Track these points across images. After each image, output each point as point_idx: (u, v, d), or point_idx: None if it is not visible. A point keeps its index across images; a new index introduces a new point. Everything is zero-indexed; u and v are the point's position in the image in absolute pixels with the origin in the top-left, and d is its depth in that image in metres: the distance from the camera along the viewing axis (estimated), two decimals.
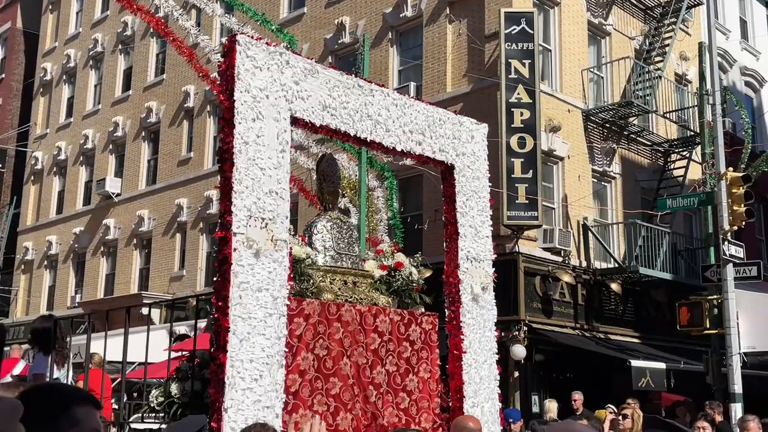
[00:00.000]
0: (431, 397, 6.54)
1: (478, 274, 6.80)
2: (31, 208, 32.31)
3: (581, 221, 18.43)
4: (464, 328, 6.56)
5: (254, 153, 5.37)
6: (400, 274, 7.18)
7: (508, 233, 16.80)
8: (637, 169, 20.65)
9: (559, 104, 18.47)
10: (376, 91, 6.31)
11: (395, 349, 6.38)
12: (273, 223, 5.40)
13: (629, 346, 18.00)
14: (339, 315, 6.10)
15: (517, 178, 16.49)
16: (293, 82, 5.69)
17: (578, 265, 18.11)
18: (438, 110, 6.84)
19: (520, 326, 16.35)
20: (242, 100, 5.37)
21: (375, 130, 6.22)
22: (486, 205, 7.09)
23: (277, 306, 5.32)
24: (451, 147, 6.82)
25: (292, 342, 5.67)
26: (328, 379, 5.91)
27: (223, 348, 5.02)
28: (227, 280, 5.12)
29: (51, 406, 2.18)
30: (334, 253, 6.87)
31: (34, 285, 30.90)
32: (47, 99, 32.97)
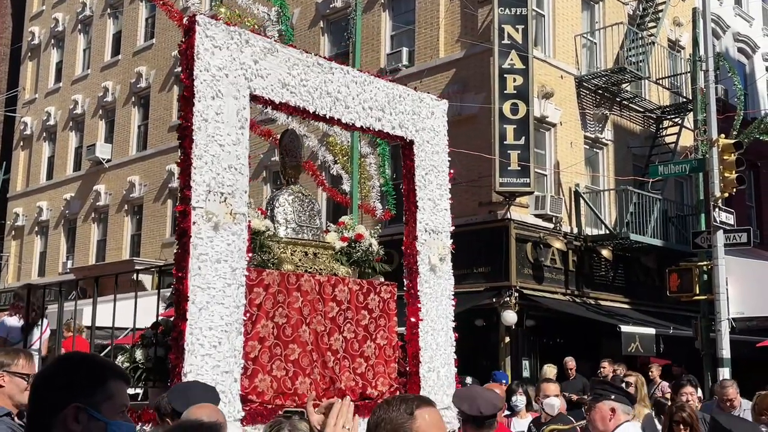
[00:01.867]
0: (387, 362, 6.80)
1: (436, 245, 7.01)
2: (20, 173, 32.11)
3: (573, 188, 18.46)
4: (421, 297, 6.80)
5: (213, 130, 5.55)
6: (360, 246, 7.39)
7: (500, 200, 16.82)
8: (630, 136, 20.64)
9: (552, 70, 18.38)
10: (335, 69, 6.44)
11: (354, 317, 6.63)
12: (232, 197, 5.59)
13: (619, 311, 18.15)
14: (298, 285, 6.32)
15: (509, 145, 16.46)
16: (252, 60, 5.84)
17: (569, 232, 18.17)
18: (398, 87, 7.01)
19: (511, 292, 16.45)
20: (201, 79, 5.54)
21: (334, 107, 6.37)
22: (445, 179, 7.30)
23: (235, 276, 5.53)
24: (410, 123, 6.99)
25: (251, 311, 5.89)
26: (287, 345, 6.14)
27: (183, 316, 5.25)
28: (187, 252, 5.33)
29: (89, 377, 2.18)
30: (296, 226, 7.06)
31: (25, 251, 30.82)
32: (35, 63, 32.60)
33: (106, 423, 2.14)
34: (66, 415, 2.10)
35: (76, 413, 2.11)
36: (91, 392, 2.14)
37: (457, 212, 17.79)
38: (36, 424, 2.17)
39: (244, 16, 15.42)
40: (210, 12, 18.44)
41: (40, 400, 2.19)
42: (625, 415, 4.62)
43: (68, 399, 2.12)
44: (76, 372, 2.19)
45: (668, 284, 16.28)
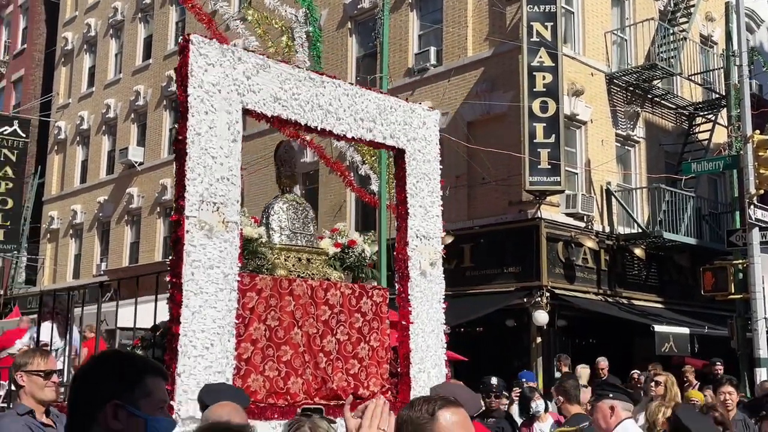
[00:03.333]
0: (380, 363, 7.05)
1: (427, 250, 7.23)
2: (55, 177, 32.57)
3: (604, 186, 18.25)
4: (412, 301, 7.01)
5: (206, 143, 5.83)
6: (352, 251, 7.71)
7: (530, 199, 16.68)
8: (662, 133, 20.37)
9: (582, 67, 18.20)
10: (327, 82, 6.71)
11: (347, 320, 6.89)
12: (224, 206, 5.86)
13: (652, 311, 17.90)
14: (291, 289, 6.59)
15: (539, 143, 16.31)
16: (245, 77, 6.13)
17: (601, 231, 17.97)
18: (389, 98, 7.28)
19: (542, 292, 16.31)
20: (195, 95, 5.82)
21: (326, 119, 6.61)
22: (436, 186, 7.48)
23: (228, 282, 5.80)
24: (402, 133, 7.20)
25: (244, 314, 6.18)
26: (279, 347, 6.42)
27: (177, 320, 5.52)
28: (180, 259, 5.61)
29: (127, 374, 2.19)
30: (290, 233, 7.33)
31: (60, 254, 31.25)
32: (69, 69, 33.05)
33: (145, 419, 2.14)
34: (105, 412, 2.10)
35: (116, 411, 2.11)
36: (129, 389, 2.14)
37: (487, 212, 17.92)
38: (76, 422, 2.17)
39: (272, 17, 15.48)
40: (238, 14, 18.52)
41: (79, 398, 2.20)
42: (625, 412, 4.79)
43: (107, 397, 2.12)
44: (113, 369, 2.19)
45: (702, 283, 16.04)
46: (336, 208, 20.43)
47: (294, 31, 15.54)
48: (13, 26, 37.32)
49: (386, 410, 2.21)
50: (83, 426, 2.14)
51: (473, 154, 17.50)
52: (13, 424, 3.98)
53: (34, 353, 4.31)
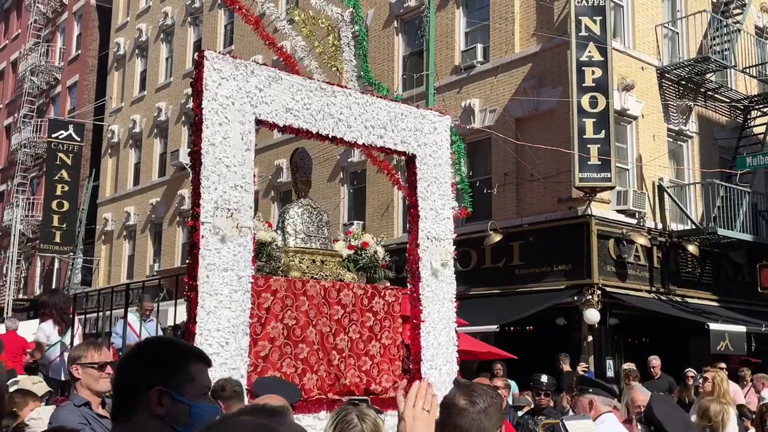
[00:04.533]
0: (392, 360, 7.36)
1: (438, 251, 7.48)
2: (109, 180, 33.23)
3: (656, 182, 17.93)
4: (423, 300, 7.26)
5: (221, 152, 6.14)
6: (365, 253, 8.02)
7: (580, 195, 16.47)
8: (715, 127, 19.93)
9: (632, 62, 17.91)
10: (338, 92, 7.01)
11: (359, 319, 7.20)
12: (238, 212, 6.16)
13: (707, 309, 17.53)
14: (304, 290, 6.92)
15: (588, 139, 16.09)
16: (257, 89, 6.46)
17: (653, 227, 17.65)
18: (401, 106, 7.61)
19: (593, 290, 16.08)
20: (209, 108, 6.16)
21: (337, 127, 6.91)
22: (448, 189, 7.73)
23: (242, 283, 6.10)
24: (412, 138, 7.48)
25: (260, 314, 6.50)
26: (296, 345, 6.75)
27: (193, 319, 5.85)
28: (196, 262, 5.92)
29: (170, 360, 2.20)
30: (304, 236, 7.66)
31: (114, 255, 31.87)
32: (121, 73, 33.69)
33: (189, 405, 2.15)
34: (149, 398, 2.12)
35: (159, 397, 2.12)
36: (172, 375, 2.16)
37: (536, 209, 17.76)
38: (121, 409, 2.20)
39: (318, 18, 15.55)
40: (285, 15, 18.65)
41: (124, 385, 2.22)
42: (604, 407, 5.04)
43: (151, 383, 2.13)
44: (156, 356, 2.21)
45: (759, 280, 15.67)
46: (383, 208, 20.45)
47: (340, 31, 15.58)
48: (68, 33, 38.19)
49: (430, 391, 2.21)
50: (128, 412, 2.15)
51: (521, 151, 17.35)
52: (71, 414, 4.07)
53: (88, 346, 4.41)
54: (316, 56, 15.98)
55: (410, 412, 2.14)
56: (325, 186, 22.24)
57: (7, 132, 41.52)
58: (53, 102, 38.46)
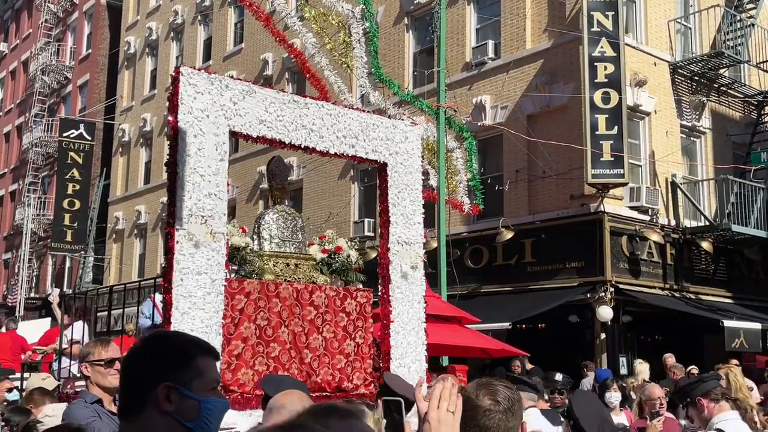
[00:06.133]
0: (364, 359, 7.69)
1: (408, 255, 7.84)
2: (120, 179, 33.30)
3: (669, 178, 17.80)
4: (393, 302, 7.62)
5: (195, 163, 6.49)
6: (338, 257, 8.43)
7: (592, 192, 16.36)
8: (729, 123, 19.78)
9: (645, 57, 17.77)
10: (311, 104, 7.39)
11: (332, 320, 7.52)
12: (212, 219, 6.52)
13: (721, 306, 17.39)
14: (277, 292, 7.22)
15: (601, 135, 15.98)
16: (231, 102, 6.79)
17: (667, 224, 17.52)
18: (372, 116, 7.95)
19: (606, 287, 15.97)
20: (185, 121, 6.49)
21: (309, 137, 7.26)
22: (418, 196, 8.08)
23: (215, 286, 6.45)
24: (384, 147, 7.82)
25: (234, 315, 6.83)
26: (268, 344, 7.06)
27: (168, 320, 6.19)
28: (171, 267, 6.27)
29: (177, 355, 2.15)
30: (279, 240, 8.01)
31: (125, 253, 31.93)
32: (132, 72, 33.74)
33: (199, 401, 2.10)
34: (157, 395, 2.07)
35: (168, 393, 2.07)
36: (180, 371, 2.11)
37: (548, 206, 17.66)
38: (128, 407, 2.14)
39: (329, 14, 15.50)
40: (296, 12, 18.62)
41: (130, 382, 2.17)
42: (528, 401, 5.34)
43: (158, 379, 2.08)
44: (163, 351, 2.15)
45: None
46: None
47: (351, 28, 15.55)
48: (78, 32, 38.29)
49: (454, 392, 2.16)
50: (136, 409, 2.10)
51: (533, 148, 17.25)
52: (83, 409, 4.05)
53: (96, 344, 4.39)
54: (326, 53, 15.97)
55: (435, 413, 2.09)
56: (336, 184, 22.20)
57: (18, 131, 41.67)
58: (64, 101, 38.57)
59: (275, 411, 3.47)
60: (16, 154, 41.51)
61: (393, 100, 16.57)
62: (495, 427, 2.42)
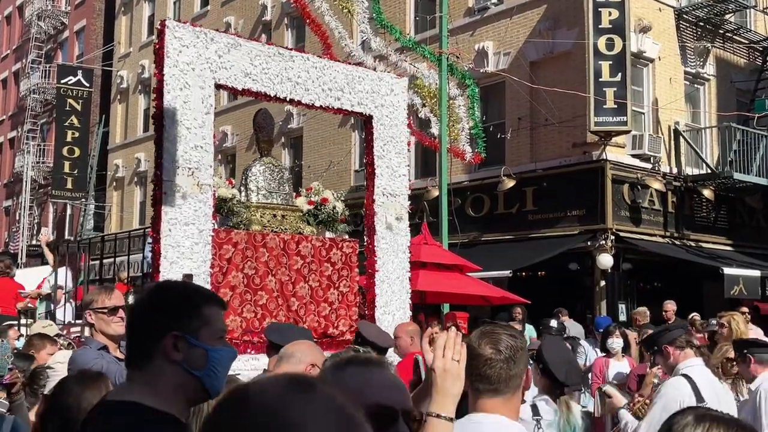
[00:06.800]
0: (349, 306, 7.92)
1: (393, 207, 8.01)
2: (119, 126, 33.11)
3: (672, 126, 17.69)
4: (378, 252, 7.87)
5: (181, 116, 6.62)
6: (324, 208, 8.60)
7: (595, 140, 16.28)
8: (733, 70, 19.58)
9: (650, 3, 17.49)
10: (296, 56, 7.49)
11: (318, 269, 7.74)
12: (198, 171, 6.67)
13: (722, 254, 17.45)
14: (264, 242, 7.42)
15: (604, 82, 15.83)
16: (217, 55, 6.90)
17: (668, 172, 17.48)
18: (358, 69, 8.10)
19: (606, 235, 16.01)
20: (170, 74, 6.62)
21: (294, 90, 7.37)
22: (403, 148, 8.23)
23: (202, 236, 6.65)
24: (369, 100, 7.91)
25: (222, 264, 7.05)
26: (256, 292, 7.28)
27: (157, 269, 6.42)
28: (159, 218, 6.46)
29: (184, 305, 2.15)
30: (266, 192, 8.17)
31: (126, 201, 31.93)
32: (129, 18, 33.28)
33: (206, 349, 2.11)
34: (165, 344, 2.07)
35: (175, 342, 2.08)
36: (187, 320, 2.11)
37: (550, 154, 17.58)
38: (136, 356, 2.16)
39: None
40: None
41: (138, 330, 2.18)
42: None
43: (166, 328, 2.09)
44: (170, 301, 2.16)
45: None
46: None
47: None
48: None
49: (458, 341, 2.20)
50: (144, 358, 2.11)
51: (536, 95, 17.10)
52: (89, 352, 4.09)
53: (99, 291, 4.42)
54: None
55: (440, 362, 2.13)
56: (336, 132, 22.08)
57: (15, 78, 41.30)
58: (61, 47, 38.13)
59: (285, 359, 3.52)
60: (14, 101, 41.20)
61: (394, 46, 16.35)
62: (496, 375, 2.45)
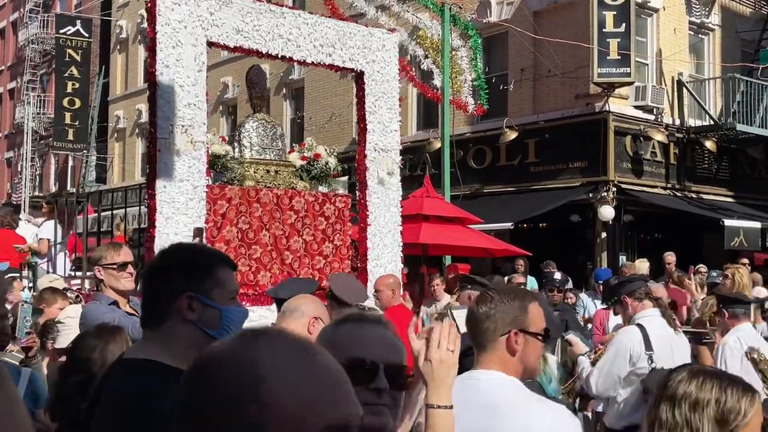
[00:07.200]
0: (342, 259, 8.14)
1: (385, 162, 8.15)
2: (119, 77, 32.88)
3: (676, 77, 17.58)
4: (370, 206, 8.04)
5: (174, 74, 6.74)
6: (317, 164, 8.79)
7: (598, 91, 16.20)
8: (738, 20, 19.37)
9: None
10: (287, 13, 7.59)
11: (311, 223, 7.92)
12: (192, 128, 6.80)
13: (723, 205, 17.50)
14: (258, 198, 7.59)
15: (608, 33, 15.69)
16: (208, 12, 6.98)
17: (671, 123, 17.43)
18: (349, 25, 8.19)
19: (608, 187, 16.04)
20: (163, 32, 6.71)
21: (286, 47, 7.48)
22: (395, 104, 8.33)
23: (197, 192, 6.83)
24: (360, 56, 8.03)
25: (216, 219, 7.25)
26: (250, 246, 7.49)
27: (153, 224, 6.64)
28: (154, 174, 6.64)
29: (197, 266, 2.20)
30: (259, 148, 8.33)
31: (127, 152, 31.89)
32: None
33: (219, 310, 2.17)
34: (180, 304, 2.13)
35: (190, 302, 2.13)
36: (201, 281, 2.16)
37: (553, 105, 17.52)
38: (152, 316, 2.21)
39: None
40: None
41: (152, 291, 2.23)
42: None
43: (180, 289, 2.14)
44: (183, 262, 2.21)
45: None
46: None
47: None
48: None
49: (453, 331, 2.19)
50: (158, 319, 2.17)
51: (539, 46, 16.97)
52: (100, 307, 4.16)
53: (108, 248, 4.47)
54: None
55: (436, 354, 2.12)
56: (337, 83, 21.95)
57: (13, 28, 40.89)
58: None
59: (289, 314, 3.55)
60: (12, 51, 40.85)
61: None
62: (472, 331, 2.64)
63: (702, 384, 2.04)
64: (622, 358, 4.97)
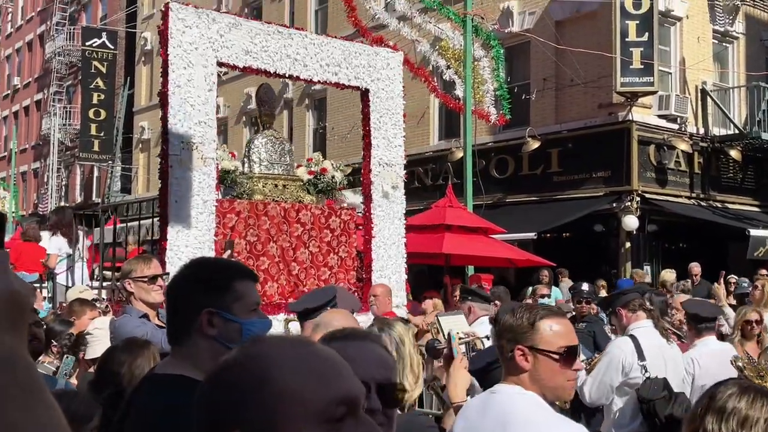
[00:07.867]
0: (347, 271, 8.38)
1: (389, 176, 8.40)
2: (144, 88, 33.21)
3: (699, 86, 17.48)
4: (374, 219, 8.29)
5: (185, 93, 7.02)
6: (324, 178, 9.08)
7: (621, 101, 16.14)
8: (763, 28, 19.23)
9: None
10: (294, 34, 7.88)
11: (318, 236, 8.18)
12: (202, 145, 7.11)
13: (748, 215, 17.34)
14: (266, 211, 7.84)
15: (631, 42, 15.64)
16: (219, 35, 7.28)
17: (695, 133, 17.32)
18: (355, 45, 8.47)
19: (632, 197, 15.96)
20: (174, 54, 7.01)
21: (293, 66, 7.76)
22: (399, 120, 8.56)
23: (206, 206, 7.13)
24: (366, 74, 8.31)
25: (225, 232, 7.50)
26: (258, 258, 7.74)
27: (164, 236, 6.92)
28: (166, 189, 6.97)
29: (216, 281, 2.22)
30: (267, 163, 8.58)
31: (152, 163, 32.13)
32: None
33: (240, 323, 2.19)
34: (200, 320, 2.15)
35: (210, 317, 2.16)
36: (220, 296, 2.18)
37: (576, 115, 17.48)
38: (175, 331, 2.25)
39: None
40: None
41: (175, 309, 2.27)
42: (481, 311, 6.07)
43: (200, 305, 2.17)
44: (203, 278, 2.23)
45: None
46: (419, 115, 20.23)
47: None
48: None
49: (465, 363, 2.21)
50: (184, 335, 2.20)
51: (561, 56, 16.95)
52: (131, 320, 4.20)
53: (138, 261, 4.50)
54: None
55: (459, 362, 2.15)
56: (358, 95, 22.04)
57: (41, 40, 41.47)
58: (85, 9, 38.18)
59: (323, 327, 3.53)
60: (39, 63, 41.43)
61: (418, 6, 16.24)
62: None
63: (753, 402, 2.04)
64: (615, 368, 5.13)
